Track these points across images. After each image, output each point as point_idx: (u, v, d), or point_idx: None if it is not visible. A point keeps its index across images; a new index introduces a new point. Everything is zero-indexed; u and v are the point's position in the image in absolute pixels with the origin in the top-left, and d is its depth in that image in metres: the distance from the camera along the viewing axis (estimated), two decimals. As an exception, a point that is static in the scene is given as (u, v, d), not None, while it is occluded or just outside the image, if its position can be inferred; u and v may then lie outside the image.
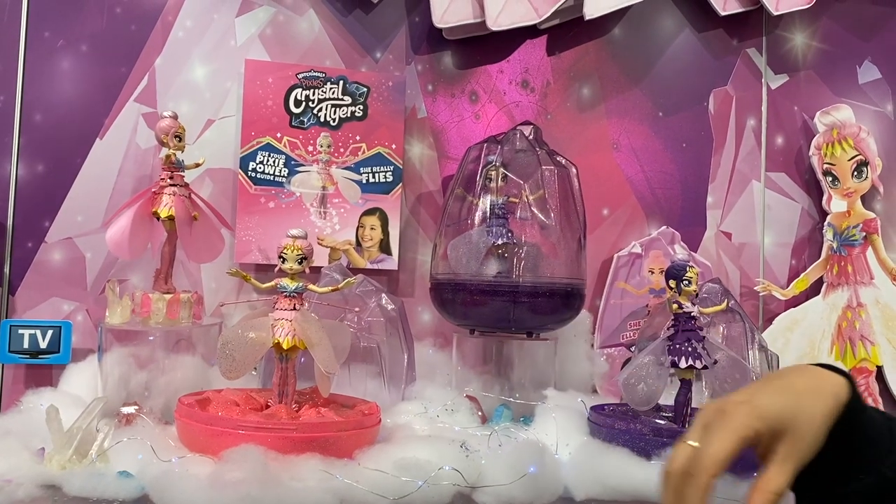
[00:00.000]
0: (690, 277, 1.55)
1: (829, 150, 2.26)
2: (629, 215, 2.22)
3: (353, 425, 1.38)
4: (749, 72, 2.31)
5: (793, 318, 2.25)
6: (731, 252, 2.27)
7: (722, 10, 2.20)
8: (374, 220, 2.03)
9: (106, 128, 1.92)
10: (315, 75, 1.99)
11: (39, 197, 1.88)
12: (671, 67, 2.26)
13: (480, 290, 1.74)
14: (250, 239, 1.94)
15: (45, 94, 1.90)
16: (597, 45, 2.22)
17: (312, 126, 1.99)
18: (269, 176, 1.96)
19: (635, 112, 2.24)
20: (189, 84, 1.97)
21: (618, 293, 2.14)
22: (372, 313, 1.76)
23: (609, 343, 2.11)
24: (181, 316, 1.64)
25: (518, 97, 2.18)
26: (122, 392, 1.62)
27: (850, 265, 2.25)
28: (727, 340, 1.86)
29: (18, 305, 1.87)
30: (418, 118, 2.12)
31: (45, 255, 1.88)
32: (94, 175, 1.91)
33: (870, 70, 2.38)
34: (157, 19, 1.96)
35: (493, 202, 1.83)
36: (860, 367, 2.23)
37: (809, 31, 2.35)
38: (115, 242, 1.62)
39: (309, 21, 2.04)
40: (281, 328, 1.42)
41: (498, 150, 1.86)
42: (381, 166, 2.03)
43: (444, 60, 2.14)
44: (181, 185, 1.67)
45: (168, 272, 1.69)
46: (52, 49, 1.90)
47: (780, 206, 2.31)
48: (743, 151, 2.29)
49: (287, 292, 1.45)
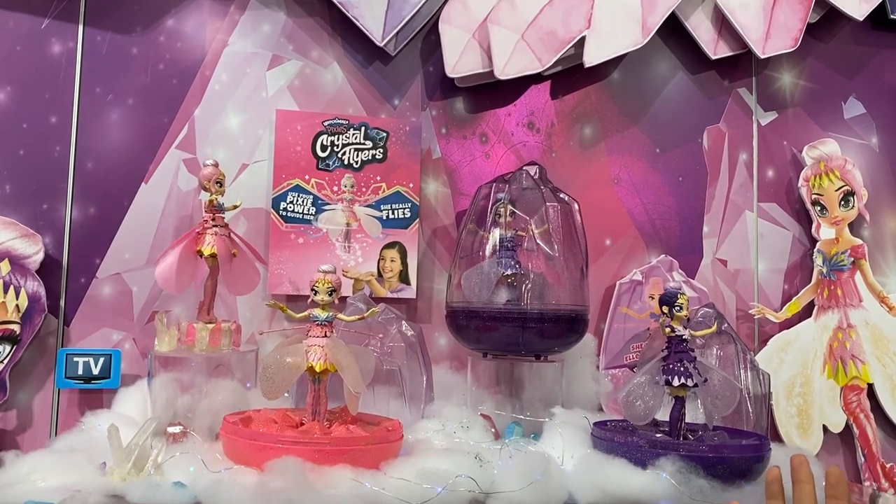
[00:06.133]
0: (681, 304, 1.70)
1: (817, 182, 2.42)
2: (630, 245, 2.38)
3: (379, 440, 1.54)
4: (740, 110, 2.49)
5: (786, 340, 2.39)
6: (727, 278, 2.43)
7: (713, 54, 2.38)
8: (394, 253, 2.20)
9: (150, 173, 2.12)
10: (339, 122, 2.18)
11: (91, 236, 2.07)
12: (667, 107, 2.44)
13: (492, 317, 1.91)
14: (282, 272, 2.12)
15: (96, 143, 2.10)
16: (597, 89, 2.40)
17: (337, 168, 2.18)
18: (299, 214, 2.15)
19: (634, 149, 2.41)
20: (225, 132, 2.17)
21: (621, 317, 2.29)
22: (393, 339, 1.93)
23: (613, 364, 2.26)
24: (222, 344, 1.82)
25: (525, 137, 2.36)
26: (170, 412, 1.79)
27: (839, 289, 2.40)
28: (721, 361, 2.01)
29: (73, 335, 2.05)
30: (433, 159, 2.30)
31: (97, 289, 2.07)
32: (140, 216, 2.10)
33: (854, 106, 2.54)
34: (196, 74, 2.16)
35: (502, 236, 2.00)
36: (852, 384, 2.37)
37: (796, 70, 2.52)
38: (164, 278, 1.80)
39: (333, 73, 2.24)
40: (314, 353, 1.58)
41: (506, 188, 2.04)
42: (400, 203, 2.21)
43: (457, 105, 2.33)
44: (222, 225, 1.86)
45: (210, 304, 1.86)
46: (103, 103, 2.11)
47: (773, 235, 2.47)
48: (736, 184, 2.46)
49: (319, 321, 1.62)
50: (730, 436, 1.73)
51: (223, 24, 2.18)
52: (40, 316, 1.98)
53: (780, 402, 2.33)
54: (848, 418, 2.36)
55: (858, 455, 2.36)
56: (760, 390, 1.99)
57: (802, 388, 2.35)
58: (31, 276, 1.98)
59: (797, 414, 2.34)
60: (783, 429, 2.31)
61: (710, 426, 1.72)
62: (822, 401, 2.36)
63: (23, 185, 2.04)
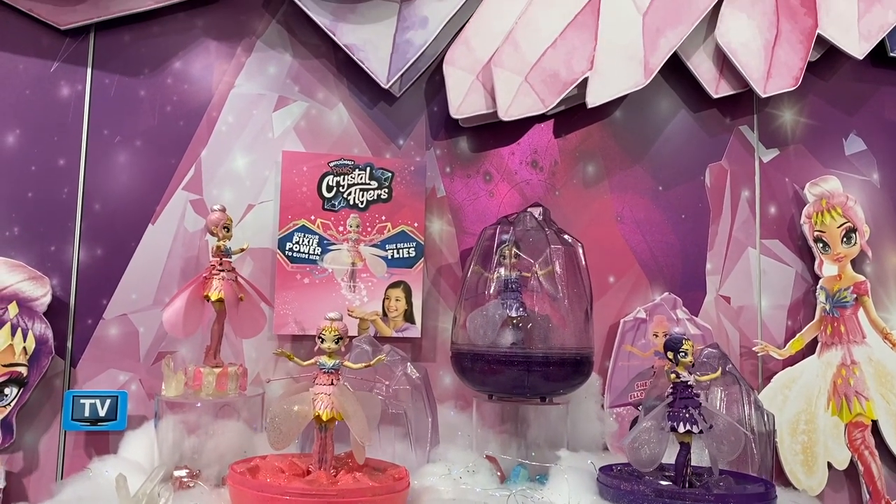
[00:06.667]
0: (686, 350, 1.71)
1: (819, 219, 2.44)
2: (634, 282, 2.39)
3: (386, 490, 1.55)
4: (742, 147, 2.51)
5: (790, 377, 2.40)
6: (731, 315, 2.44)
7: (714, 93, 2.40)
8: (399, 293, 2.22)
9: (157, 214, 2.14)
10: (345, 163, 2.20)
11: (98, 278, 2.09)
12: (669, 145, 2.46)
13: (497, 360, 1.92)
14: (287, 312, 2.13)
15: (104, 184, 2.12)
16: (600, 127, 2.42)
17: (343, 208, 2.20)
18: (304, 254, 2.16)
19: (637, 187, 2.43)
20: (231, 173, 2.19)
21: (625, 356, 2.30)
22: (399, 381, 1.94)
23: (618, 402, 2.27)
24: (229, 388, 1.83)
25: (528, 176, 2.38)
26: (176, 455, 1.80)
27: (842, 325, 2.40)
28: (725, 401, 2.02)
29: (80, 376, 2.06)
30: (438, 197, 2.32)
31: (103, 330, 2.08)
32: (147, 257, 2.12)
33: (855, 142, 2.57)
34: (203, 115, 2.19)
35: (507, 277, 2.01)
36: (856, 421, 2.37)
37: (797, 108, 2.55)
38: (172, 323, 1.82)
39: (338, 114, 2.26)
40: (321, 402, 1.59)
41: (511, 230, 2.05)
42: (405, 243, 2.23)
43: (461, 145, 2.35)
44: (229, 270, 1.87)
45: (217, 348, 1.88)
46: (111, 145, 2.13)
47: (775, 271, 2.48)
48: (738, 221, 2.48)
49: (326, 369, 1.63)
50: (736, 481, 1.73)
51: (230, 66, 2.21)
52: (47, 358, 1.99)
53: (785, 440, 2.33)
54: (853, 455, 2.37)
55: (863, 492, 2.36)
56: (765, 430, 2.00)
57: (807, 426, 2.36)
58: (38, 318, 1.99)
59: (802, 451, 2.34)
60: (788, 466, 2.31)
61: (716, 472, 1.72)
62: (827, 438, 2.36)
63: (31, 227, 2.06)
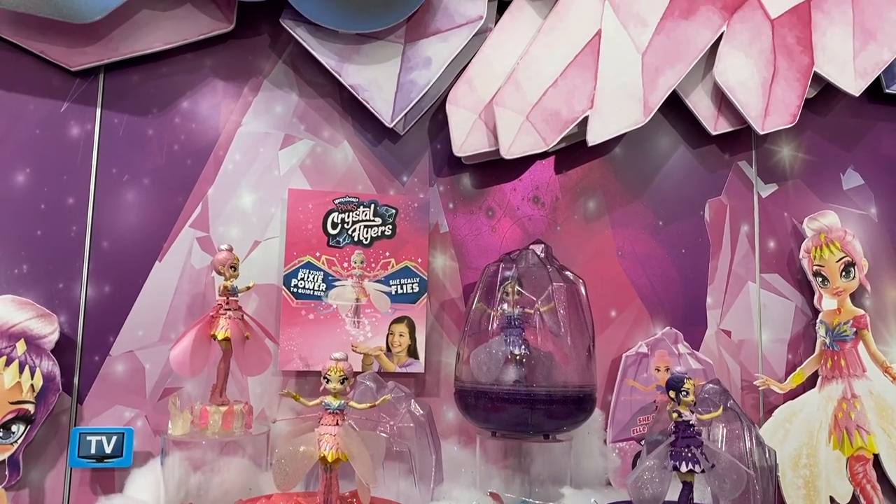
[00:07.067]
0: (688, 389, 1.73)
1: (817, 253, 2.46)
2: (635, 316, 2.41)
3: (391, 530, 1.56)
4: (741, 182, 2.54)
5: (791, 410, 2.41)
6: (732, 349, 2.46)
7: (713, 129, 2.44)
8: (403, 328, 2.24)
9: (164, 251, 2.16)
10: (349, 200, 2.23)
11: (105, 315, 2.11)
12: (669, 181, 2.49)
13: (500, 398, 1.94)
14: (292, 349, 2.16)
15: (112, 222, 2.15)
16: (600, 163, 2.46)
17: (347, 245, 2.22)
18: (309, 291, 2.19)
19: (637, 222, 2.46)
20: (238, 210, 2.22)
21: (627, 390, 2.32)
22: (403, 419, 1.95)
23: (621, 437, 2.28)
24: (235, 426, 1.84)
25: (530, 211, 2.41)
26: (182, 493, 1.82)
27: (843, 359, 2.42)
28: (727, 437, 2.03)
29: (86, 413, 2.08)
30: (441, 233, 2.35)
31: (110, 366, 2.10)
32: (154, 293, 2.14)
33: (853, 177, 2.60)
34: (210, 154, 2.22)
35: (509, 314, 2.03)
36: (857, 455, 2.38)
37: (795, 143, 2.58)
38: (179, 363, 1.84)
39: (343, 152, 2.30)
40: (326, 442, 1.61)
41: (513, 267, 2.08)
42: (409, 278, 2.26)
43: (463, 181, 2.38)
44: (235, 308, 1.90)
45: (223, 386, 1.89)
46: (119, 183, 2.16)
47: (775, 305, 2.50)
48: (738, 255, 2.50)
49: (331, 409, 1.65)
50: (738, 519, 1.74)
51: (237, 105, 2.25)
52: (55, 395, 2.01)
53: (787, 474, 2.34)
54: (855, 489, 2.37)
55: (866, 526, 2.37)
56: (766, 465, 2.01)
57: (808, 460, 2.37)
58: (46, 355, 2.01)
59: (804, 486, 2.35)
60: (790, 501, 2.32)
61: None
62: (829, 472, 2.37)
63: (40, 264, 2.08)
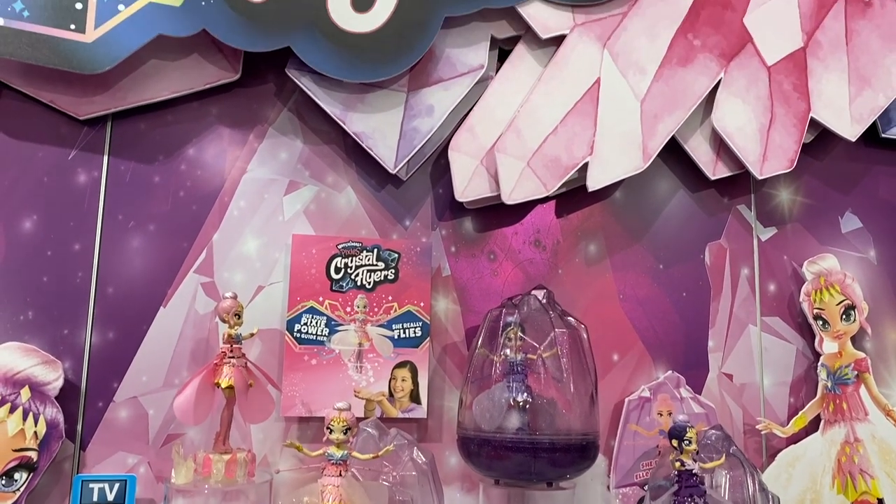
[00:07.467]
0: (690, 438, 1.74)
1: (818, 297, 2.48)
2: (637, 360, 2.42)
3: (394, 584, 1.56)
4: (740, 226, 2.57)
5: (794, 455, 2.41)
6: (734, 392, 2.46)
7: (712, 174, 2.47)
8: (405, 373, 2.24)
9: (169, 297, 2.18)
10: (353, 245, 2.26)
11: (110, 361, 2.11)
12: (669, 225, 2.52)
13: (503, 446, 1.94)
14: (295, 394, 2.16)
15: (117, 268, 2.16)
16: (601, 207, 2.48)
17: (350, 289, 2.24)
18: (312, 336, 2.20)
19: (638, 265, 2.48)
20: (242, 256, 2.24)
21: (630, 435, 2.32)
22: (405, 467, 1.95)
23: (624, 483, 2.27)
24: (238, 475, 1.84)
25: (531, 255, 2.43)
26: (184, 543, 1.81)
27: (844, 402, 2.42)
28: (731, 484, 2.03)
29: (89, 459, 2.08)
30: (443, 276, 2.37)
31: (113, 413, 2.10)
32: (158, 339, 2.15)
33: (851, 220, 2.63)
34: (215, 200, 2.25)
35: (512, 360, 2.05)
36: (861, 500, 2.37)
37: (793, 187, 2.61)
38: (183, 411, 1.84)
39: (347, 197, 2.33)
40: (329, 493, 1.62)
41: (515, 312, 2.09)
42: (411, 322, 2.27)
43: (465, 225, 2.41)
44: (239, 356, 1.91)
45: (226, 434, 1.90)
46: (125, 229, 2.18)
47: (777, 348, 2.51)
48: (739, 298, 2.52)
49: (334, 460, 1.65)
50: (742, 570, 1.74)
51: (242, 151, 2.28)
52: (58, 442, 2.01)
53: (791, 520, 2.33)
54: (859, 535, 2.36)
55: (872, 572, 2.35)
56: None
57: (812, 505, 2.36)
58: (50, 402, 2.02)
59: (808, 531, 2.34)
60: (795, 547, 2.31)
61: (722, 561, 1.73)
62: (833, 517, 2.36)
63: (45, 311, 2.10)
